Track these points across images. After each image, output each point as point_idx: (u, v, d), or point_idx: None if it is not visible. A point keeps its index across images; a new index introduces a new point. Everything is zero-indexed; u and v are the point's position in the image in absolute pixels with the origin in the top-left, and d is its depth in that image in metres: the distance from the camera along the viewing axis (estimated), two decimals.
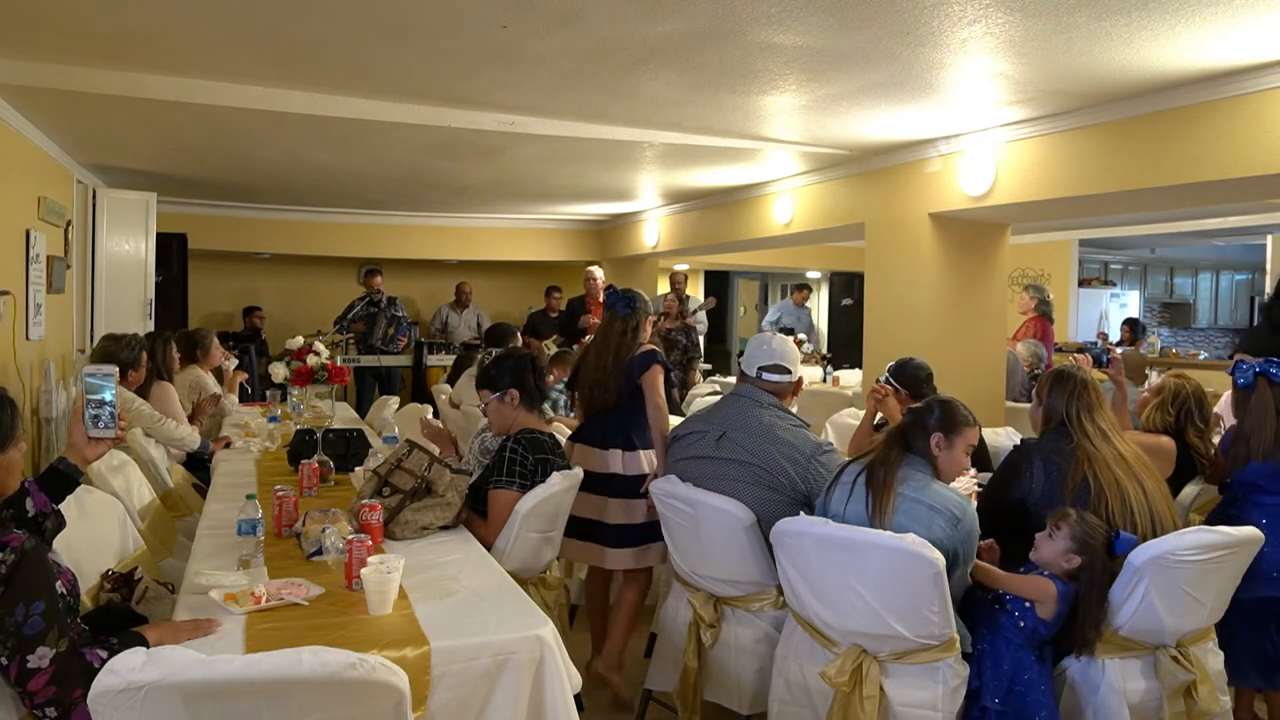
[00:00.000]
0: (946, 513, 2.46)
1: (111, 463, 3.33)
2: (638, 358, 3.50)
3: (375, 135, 5.54)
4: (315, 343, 4.42)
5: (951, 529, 2.44)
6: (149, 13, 3.56)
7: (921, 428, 2.62)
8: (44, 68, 4.27)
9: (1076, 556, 2.53)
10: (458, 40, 3.83)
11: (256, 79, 4.53)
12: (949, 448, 2.61)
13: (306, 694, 1.54)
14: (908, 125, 5.22)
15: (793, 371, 3.08)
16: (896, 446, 2.63)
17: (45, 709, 1.74)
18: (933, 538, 2.38)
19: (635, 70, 4.21)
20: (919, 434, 2.62)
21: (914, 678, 2.43)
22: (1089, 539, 2.53)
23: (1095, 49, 3.71)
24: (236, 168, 7.01)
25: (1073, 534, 2.54)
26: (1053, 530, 2.59)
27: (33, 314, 5.28)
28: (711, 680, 2.93)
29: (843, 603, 2.45)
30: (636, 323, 3.57)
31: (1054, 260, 10.19)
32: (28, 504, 2.04)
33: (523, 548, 2.89)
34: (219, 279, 9.92)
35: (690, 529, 2.93)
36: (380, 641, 1.92)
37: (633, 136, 5.54)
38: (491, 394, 3.18)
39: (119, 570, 2.53)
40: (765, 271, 13.16)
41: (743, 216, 7.98)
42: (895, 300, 6.08)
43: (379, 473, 2.98)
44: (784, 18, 3.43)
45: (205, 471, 4.45)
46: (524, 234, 10.49)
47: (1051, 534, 2.59)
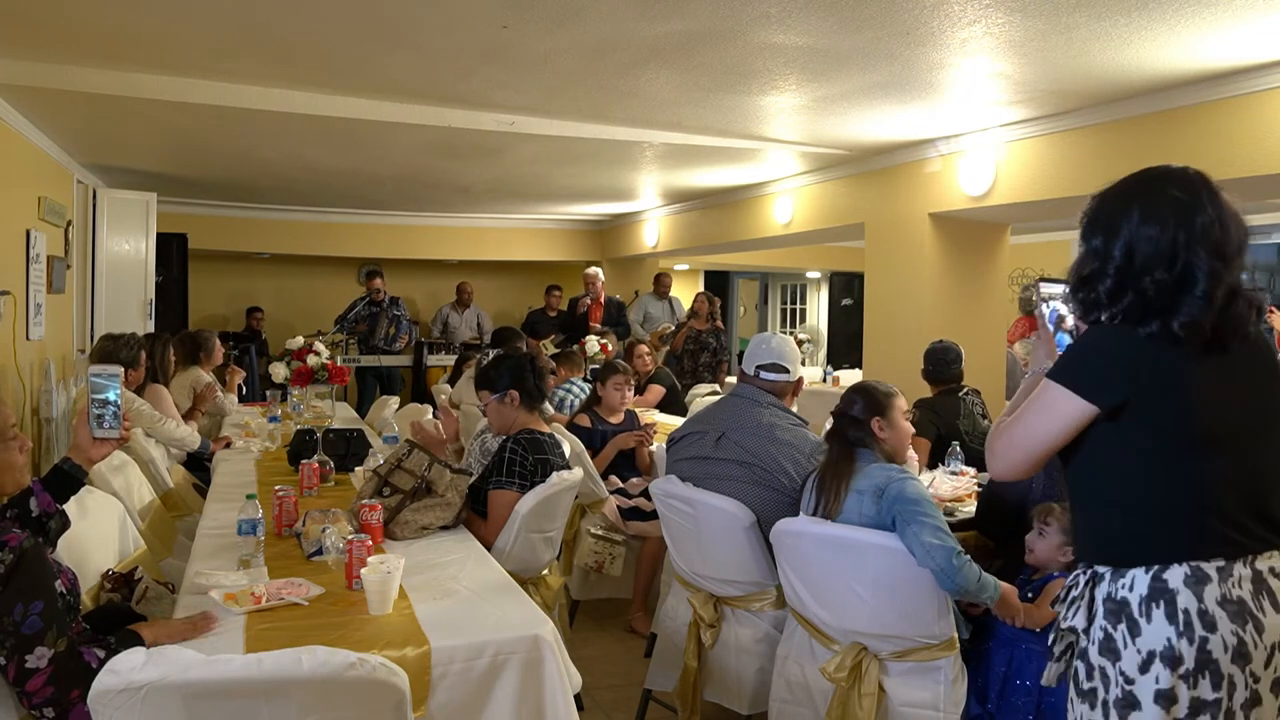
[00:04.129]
0: (871, 489, 2.45)
1: (112, 463, 3.32)
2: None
3: (375, 135, 5.54)
4: (315, 343, 4.42)
5: (876, 501, 2.43)
6: (149, 13, 3.56)
7: (855, 421, 2.61)
8: (44, 68, 4.27)
9: (1068, 548, 2.53)
10: (458, 40, 3.83)
11: (256, 79, 4.53)
12: (889, 425, 2.61)
13: (306, 694, 1.54)
14: (908, 125, 5.22)
15: (791, 371, 3.07)
16: (841, 448, 2.61)
17: (43, 709, 1.74)
18: (868, 519, 2.42)
19: (635, 70, 4.21)
20: (856, 428, 2.61)
21: (914, 677, 2.43)
22: None
23: (1095, 49, 3.71)
24: (236, 168, 7.01)
25: (1063, 526, 2.54)
26: (1041, 528, 2.59)
27: (33, 314, 5.28)
28: (711, 680, 2.93)
29: (843, 603, 2.45)
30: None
31: (1054, 260, 10.17)
32: (32, 504, 2.05)
33: (522, 548, 2.89)
34: (219, 279, 9.92)
35: (690, 529, 2.93)
36: (380, 641, 1.92)
37: (633, 136, 5.54)
38: (491, 395, 3.18)
39: (119, 570, 2.53)
40: (765, 271, 13.15)
41: (743, 216, 7.98)
42: (895, 300, 6.08)
43: (379, 473, 2.98)
44: (784, 18, 3.43)
45: (205, 471, 4.45)
46: (524, 234, 10.49)
47: (1041, 531, 2.58)
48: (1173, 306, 1.58)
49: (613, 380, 4.60)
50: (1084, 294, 1.68)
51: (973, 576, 2.32)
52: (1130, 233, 1.63)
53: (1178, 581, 1.55)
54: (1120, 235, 1.64)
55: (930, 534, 2.32)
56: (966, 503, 3.28)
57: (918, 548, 2.31)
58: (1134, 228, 1.63)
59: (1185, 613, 1.53)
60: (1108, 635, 1.59)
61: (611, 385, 4.59)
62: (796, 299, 13.45)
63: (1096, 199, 1.73)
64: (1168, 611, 1.54)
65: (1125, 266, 1.62)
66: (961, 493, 3.36)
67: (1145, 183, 1.69)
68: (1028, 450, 1.68)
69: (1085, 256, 1.70)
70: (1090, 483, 1.70)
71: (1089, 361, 1.65)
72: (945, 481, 3.44)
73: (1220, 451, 1.60)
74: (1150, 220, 1.62)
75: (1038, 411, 1.67)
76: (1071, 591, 1.69)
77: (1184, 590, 1.54)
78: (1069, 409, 1.62)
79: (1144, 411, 1.60)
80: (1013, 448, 1.70)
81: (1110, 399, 1.61)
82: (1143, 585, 1.57)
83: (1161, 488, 1.61)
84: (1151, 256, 1.60)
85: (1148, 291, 1.60)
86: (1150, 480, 1.62)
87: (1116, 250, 1.64)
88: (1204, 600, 1.53)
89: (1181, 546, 1.57)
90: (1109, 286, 1.64)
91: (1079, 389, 1.62)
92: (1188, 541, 1.58)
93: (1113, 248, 1.65)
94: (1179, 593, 1.54)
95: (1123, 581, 1.59)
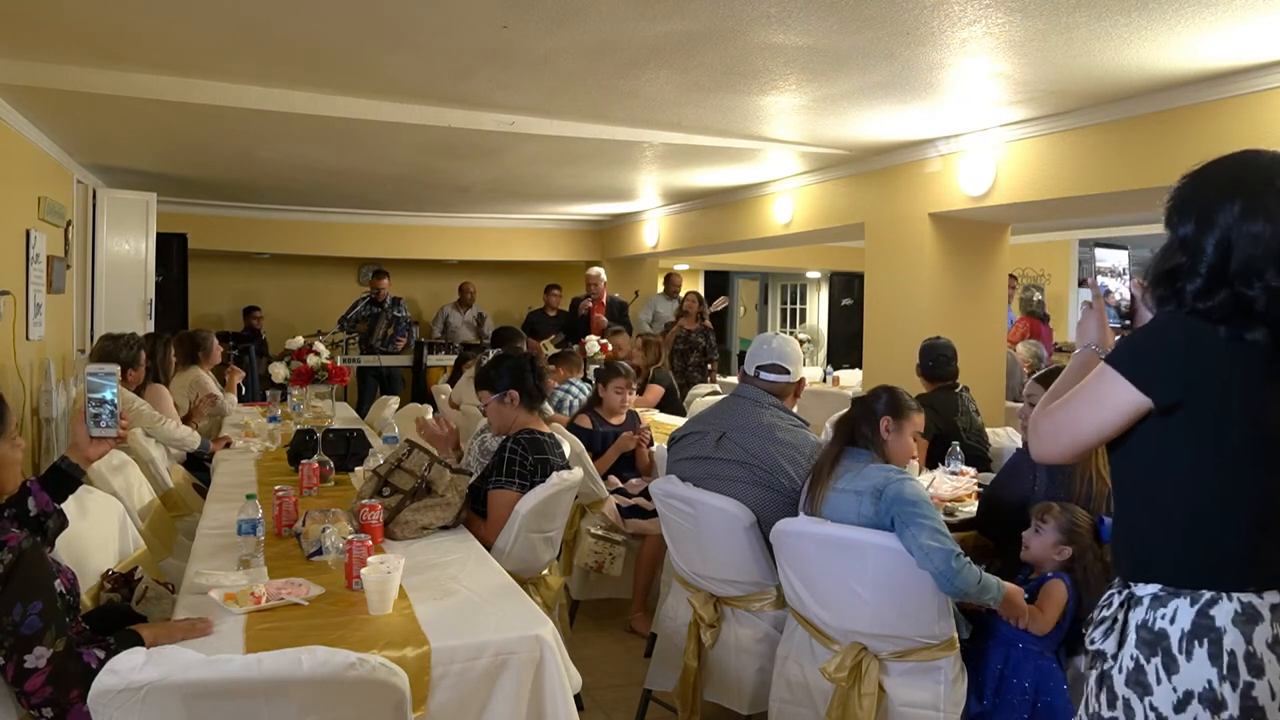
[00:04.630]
0: (869, 490, 2.46)
1: (111, 463, 3.32)
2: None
3: (375, 135, 5.54)
4: (315, 343, 4.42)
5: (875, 502, 2.43)
6: (149, 13, 3.56)
7: (870, 413, 2.63)
8: (44, 68, 4.27)
9: (1066, 547, 2.53)
10: (458, 40, 3.83)
11: (256, 79, 4.53)
12: (897, 431, 2.62)
13: (306, 694, 1.54)
14: (908, 125, 5.21)
15: (791, 371, 3.07)
16: (837, 440, 2.64)
17: (41, 709, 1.74)
18: (866, 520, 2.41)
19: (635, 70, 4.21)
20: (867, 420, 2.62)
21: (914, 677, 2.43)
22: (1075, 528, 2.53)
23: (1095, 49, 3.71)
24: (236, 168, 7.01)
25: (1059, 525, 2.54)
26: (1038, 525, 2.59)
27: (33, 314, 5.28)
28: (711, 680, 2.93)
29: (843, 603, 2.45)
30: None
31: (1054, 260, 10.18)
32: (29, 503, 2.05)
33: (522, 548, 2.89)
34: (219, 279, 9.92)
35: (690, 529, 2.93)
36: (380, 641, 1.92)
37: (633, 136, 5.54)
38: (491, 395, 3.18)
39: (119, 570, 2.53)
40: (765, 271, 13.16)
41: (743, 216, 7.98)
42: (895, 300, 6.08)
43: (379, 473, 2.98)
44: (784, 18, 3.43)
45: (205, 471, 4.45)
46: (524, 234, 10.49)
47: (1038, 529, 2.59)
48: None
49: (614, 383, 4.59)
50: (1164, 290, 1.50)
51: (972, 579, 2.31)
52: (1229, 226, 1.44)
53: (1225, 619, 1.40)
54: (1215, 228, 1.45)
55: (929, 536, 2.30)
56: (966, 503, 3.27)
57: (916, 550, 2.30)
58: (1234, 221, 1.44)
59: (1231, 654, 1.39)
60: (1139, 666, 1.46)
61: (613, 388, 4.59)
62: (796, 299, 13.46)
63: (1188, 180, 1.53)
64: (1211, 652, 1.40)
65: (1219, 266, 1.44)
66: (961, 493, 3.35)
67: (1251, 168, 1.48)
68: (1074, 437, 1.54)
69: (1171, 247, 1.51)
70: (1135, 483, 1.55)
71: (1152, 351, 1.49)
72: (945, 481, 3.43)
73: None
74: (1256, 215, 1.42)
75: (1089, 398, 1.52)
76: (1104, 610, 1.54)
77: (1231, 630, 1.40)
78: (1122, 399, 1.47)
79: (1202, 413, 1.44)
80: (1059, 433, 1.56)
81: (1168, 395, 1.45)
82: (1186, 619, 1.42)
83: (1215, 501, 1.45)
84: (1258, 259, 1.41)
85: (1256, 300, 1.41)
86: (1202, 490, 1.46)
87: (1209, 245, 1.45)
88: (1253, 642, 1.39)
89: (1233, 574, 1.42)
90: (1198, 287, 1.45)
91: (1136, 378, 1.46)
92: (1239, 569, 1.42)
93: (1205, 242, 1.46)
94: (1226, 632, 1.40)
95: (1163, 612, 1.45)
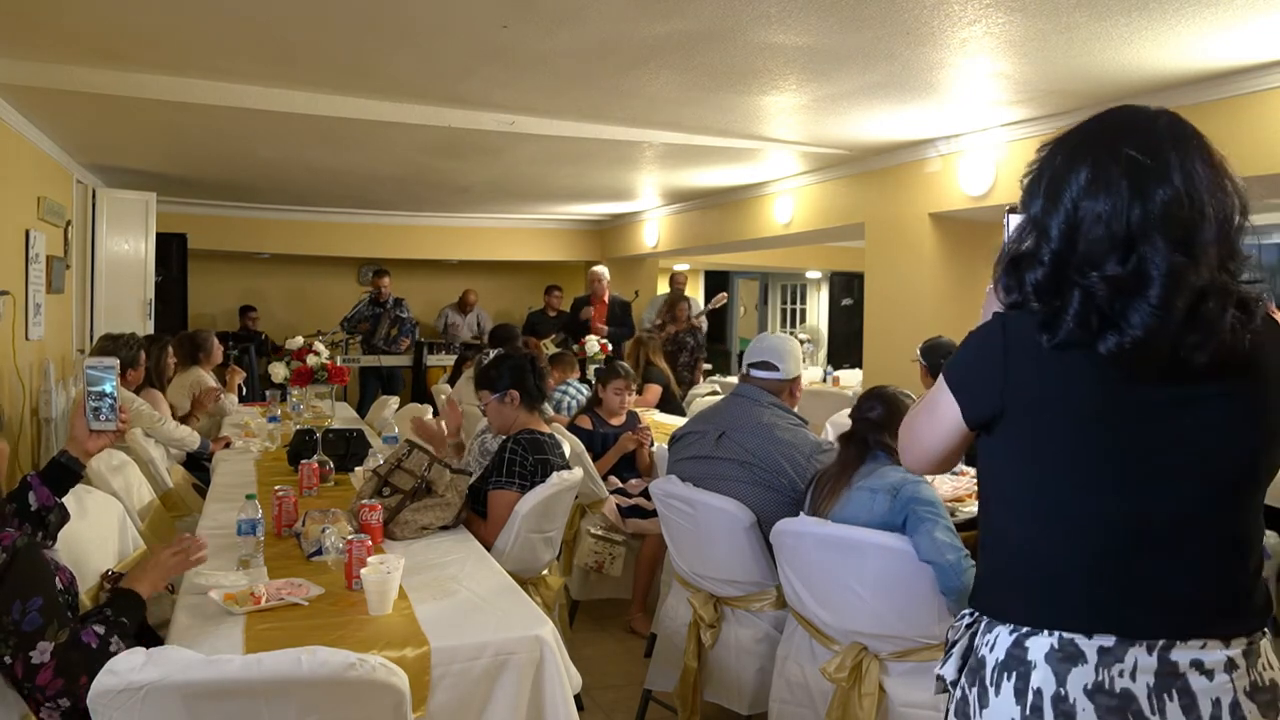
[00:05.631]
0: (885, 488, 2.47)
1: (111, 463, 3.32)
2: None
3: (375, 135, 5.54)
4: (315, 343, 4.42)
5: (890, 498, 2.44)
6: (148, 13, 3.56)
7: (875, 425, 2.63)
8: (44, 68, 4.27)
9: None
10: (458, 40, 3.83)
11: (256, 79, 4.53)
12: None
13: (306, 694, 1.54)
14: (908, 125, 5.21)
15: (781, 368, 3.06)
16: (857, 450, 2.63)
17: (58, 700, 1.75)
18: (878, 517, 2.42)
19: (635, 70, 4.21)
20: (876, 431, 2.62)
21: (914, 677, 2.42)
22: None
23: (1095, 49, 3.71)
24: (236, 168, 7.01)
25: None
26: None
27: (32, 314, 5.28)
28: (711, 680, 2.93)
29: (843, 603, 2.45)
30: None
31: None
32: (30, 498, 2.04)
33: (522, 548, 2.89)
34: (219, 279, 9.92)
35: (690, 529, 2.93)
36: (380, 641, 1.92)
37: (633, 136, 5.54)
38: (491, 394, 3.18)
39: (119, 570, 2.53)
40: (765, 271, 13.16)
41: (743, 216, 7.98)
42: (895, 300, 6.08)
43: (379, 473, 2.98)
44: (784, 18, 3.43)
45: (205, 471, 4.45)
46: (524, 234, 10.49)
47: None
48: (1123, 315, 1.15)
49: (613, 385, 4.59)
50: (1010, 280, 1.27)
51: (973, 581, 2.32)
52: (1072, 203, 1.19)
53: (1038, 653, 1.22)
54: (1061, 205, 1.20)
55: (942, 532, 2.35)
56: (967, 503, 3.27)
57: (927, 542, 2.32)
58: (1077, 197, 1.19)
59: (1037, 694, 1.21)
60: (964, 696, 1.32)
61: (612, 390, 4.59)
62: (796, 299, 13.46)
63: (1045, 147, 1.28)
64: (1018, 686, 1.22)
65: (1063, 252, 1.19)
66: (962, 493, 3.35)
67: (1102, 130, 1.23)
68: (923, 450, 1.39)
69: (1023, 228, 1.27)
70: (983, 504, 1.39)
71: (970, 360, 1.31)
72: (945, 481, 3.43)
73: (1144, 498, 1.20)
74: (1098, 189, 1.17)
75: (928, 409, 1.37)
76: (955, 633, 1.40)
77: (1043, 666, 1.21)
78: (950, 411, 1.31)
79: (1022, 430, 1.25)
80: (910, 444, 1.43)
81: (979, 411, 1.28)
82: (1002, 648, 1.26)
83: (1044, 528, 1.26)
84: (1099, 243, 1.17)
85: (1096, 293, 1.16)
86: (1029, 514, 1.27)
87: (1053, 226, 1.21)
88: (1066, 683, 1.20)
89: (1055, 608, 1.23)
90: (1038, 279, 1.22)
91: (955, 389, 1.30)
92: (1065, 603, 1.23)
93: (1050, 222, 1.21)
94: (1035, 667, 1.22)
95: (988, 638, 1.29)
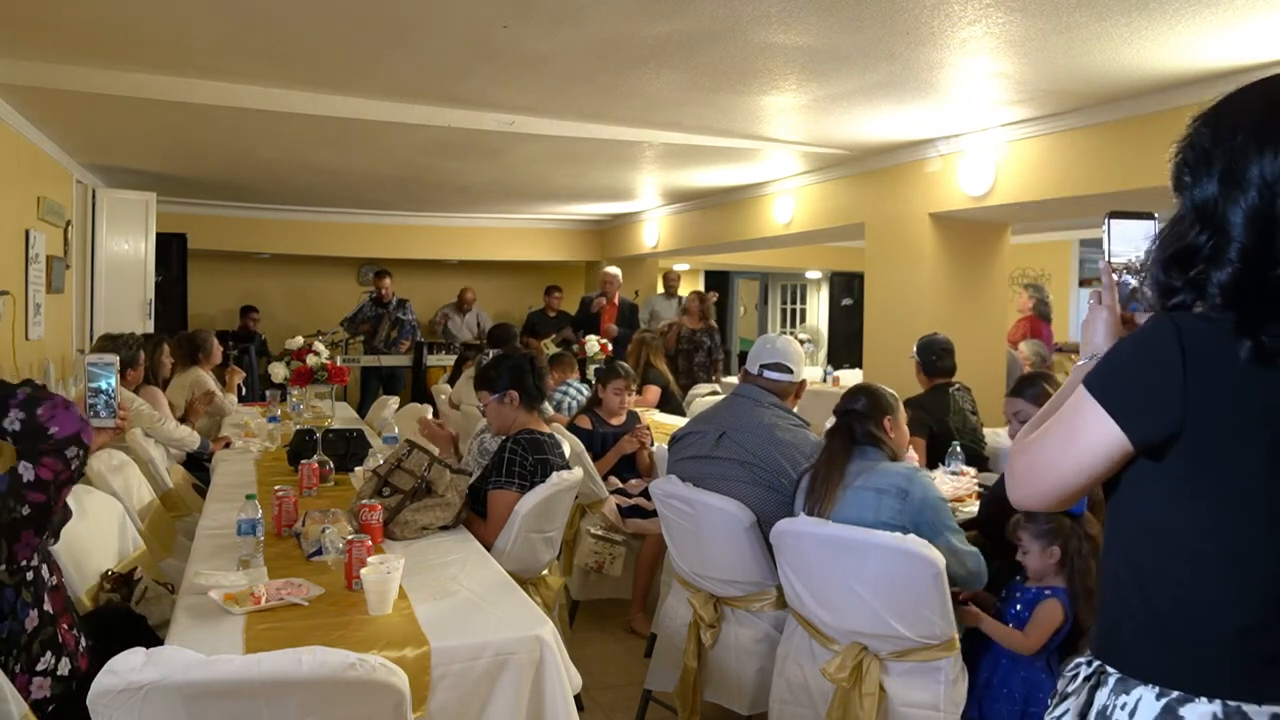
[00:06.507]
0: (892, 490, 2.47)
1: (111, 463, 3.32)
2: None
3: (375, 135, 5.54)
4: (315, 343, 4.42)
5: (900, 503, 2.44)
6: (149, 13, 3.56)
7: (862, 417, 2.64)
8: (44, 68, 4.27)
9: (1053, 547, 2.52)
10: (458, 40, 3.83)
11: (256, 79, 4.53)
12: (895, 426, 2.67)
13: (306, 694, 1.54)
14: (908, 125, 5.21)
15: (794, 371, 3.07)
16: (843, 444, 2.63)
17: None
18: (885, 519, 2.42)
19: (635, 70, 4.20)
20: (862, 422, 2.63)
21: (914, 677, 2.42)
22: (1047, 524, 2.52)
23: (1095, 49, 3.71)
24: (236, 168, 7.01)
25: (1035, 534, 2.53)
26: (1022, 551, 2.57)
27: (32, 314, 5.28)
28: (711, 680, 2.93)
29: (843, 603, 2.45)
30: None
31: (1054, 260, 10.18)
32: None
33: (522, 548, 2.89)
34: (219, 279, 9.92)
35: (690, 529, 2.93)
36: (380, 641, 1.92)
37: (633, 136, 5.54)
38: (490, 395, 3.18)
39: (119, 570, 2.53)
40: (765, 271, 13.16)
41: (743, 216, 7.98)
42: (895, 300, 6.08)
43: (379, 473, 2.97)
44: (784, 18, 3.43)
45: (205, 471, 4.45)
46: (524, 234, 10.49)
47: (1023, 552, 2.56)
48: None
49: (613, 385, 4.59)
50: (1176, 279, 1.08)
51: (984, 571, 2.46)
52: (1269, 186, 1.00)
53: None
54: (1248, 189, 1.02)
55: (960, 540, 2.42)
56: (967, 503, 3.27)
57: (953, 560, 2.38)
58: (1278, 175, 1.00)
59: None
60: None
61: (611, 390, 4.59)
62: (796, 299, 13.46)
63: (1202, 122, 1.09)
64: None
65: (1256, 247, 1.01)
66: (962, 493, 3.35)
67: None
68: (1052, 480, 1.17)
69: (1182, 219, 1.09)
70: (1118, 534, 1.18)
71: (1135, 370, 1.09)
72: (946, 482, 3.43)
73: None
74: None
75: (1064, 431, 1.15)
76: (1067, 683, 1.22)
77: None
78: (1099, 434, 1.10)
79: (1205, 458, 1.06)
80: (1033, 475, 1.20)
81: (1150, 431, 1.08)
82: (1148, 713, 1.08)
83: (1215, 573, 1.06)
84: None
85: None
86: (1198, 556, 1.07)
87: (1237, 216, 1.02)
88: None
89: (1223, 673, 1.05)
90: (1227, 279, 1.03)
91: (1114, 408, 1.09)
92: (1234, 667, 1.05)
93: (1232, 212, 1.02)
94: None
95: (1124, 700, 1.10)
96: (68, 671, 1.86)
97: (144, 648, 1.54)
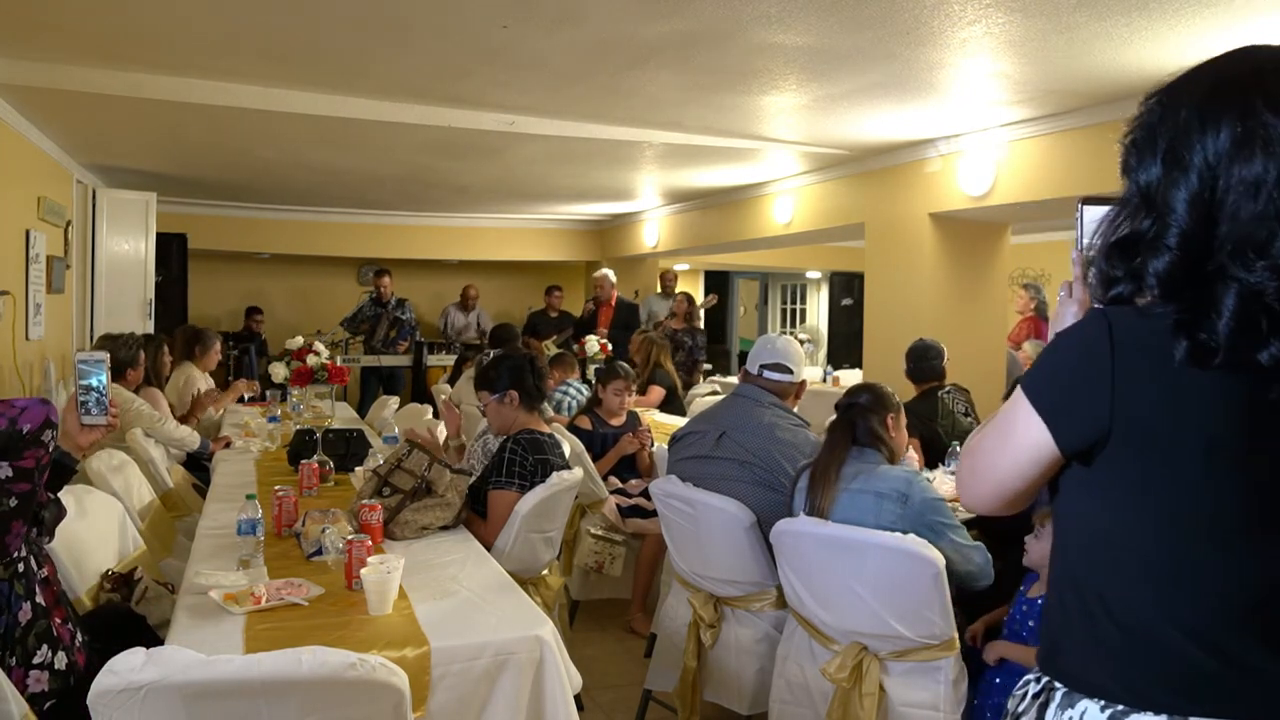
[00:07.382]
0: (893, 494, 2.46)
1: (111, 463, 3.32)
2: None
3: (375, 135, 5.54)
4: (315, 343, 4.42)
5: (901, 508, 2.44)
6: (149, 13, 3.56)
7: (865, 412, 2.64)
8: (44, 68, 4.27)
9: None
10: (458, 40, 3.83)
11: (256, 79, 4.53)
12: (896, 426, 2.67)
13: (306, 694, 1.54)
14: (908, 125, 5.22)
15: (795, 371, 3.08)
16: (842, 439, 2.63)
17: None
18: (886, 523, 2.41)
19: (635, 70, 4.20)
20: (865, 418, 2.63)
21: (914, 677, 2.42)
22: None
23: (1095, 49, 3.71)
24: (236, 168, 7.01)
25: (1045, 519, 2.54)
26: (1039, 530, 2.58)
27: (32, 314, 5.28)
28: (711, 680, 2.93)
29: (843, 603, 2.45)
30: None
31: (1054, 260, 10.18)
32: None
33: (522, 548, 2.89)
34: (219, 279, 9.92)
35: (690, 529, 2.93)
36: (380, 641, 1.92)
37: (633, 136, 5.54)
38: (490, 395, 3.18)
39: (119, 570, 2.53)
40: (765, 271, 13.16)
41: (743, 216, 7.98)
42: (895, 300, 6.08)
43: (379, 473, 2.98)
44: (784, 18, 3.43)
45: (205, 471, 4.45)
46: (524, 234, 10.49)
47: (1038, 534, 2.57)
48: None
49: (613, 385, 4.59)
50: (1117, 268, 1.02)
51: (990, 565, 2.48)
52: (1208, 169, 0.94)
53: None
54: (1190, 172, 0.96)
55: (963, 536, 2.42)
56: None
57: (959, 558, 2.39)
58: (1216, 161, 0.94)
59: None
60: None
61: (611, 390, 4.59)
62: (796, 299, 13.46)
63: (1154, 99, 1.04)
64: None
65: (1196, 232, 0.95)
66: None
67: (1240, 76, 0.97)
68: (992, 485, 1.14)
69: (1128, 203, 1.04)
70: (1062, 543, 1.13)
71: (1065, 369, 1.06)
72: (945, 482, 3.44)
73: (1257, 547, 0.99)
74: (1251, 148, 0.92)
75: (1000, 432, 1.12)
76: (1020, 704, 1.16)
77: None
78: (1030, 437, 1.06)
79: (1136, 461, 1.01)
80: (975, 478, 1.16)
81: (1078, 433, 1.04)
82: None
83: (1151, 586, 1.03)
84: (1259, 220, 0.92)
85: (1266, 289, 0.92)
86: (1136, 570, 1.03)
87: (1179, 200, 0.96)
88: None
89: (1163, 683, 1.01)
90: (1165, 267, 0.97)
91: (1041, 404, 1.05)
92: (1176, 678, 1.01)
93: (1174, 195, 0.97)
94: None
95: (1070, 714, 1.07)
96: (65, 666, 1.86)
97: (144, 648, 1.54)
